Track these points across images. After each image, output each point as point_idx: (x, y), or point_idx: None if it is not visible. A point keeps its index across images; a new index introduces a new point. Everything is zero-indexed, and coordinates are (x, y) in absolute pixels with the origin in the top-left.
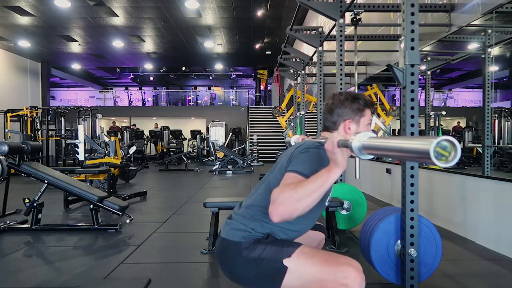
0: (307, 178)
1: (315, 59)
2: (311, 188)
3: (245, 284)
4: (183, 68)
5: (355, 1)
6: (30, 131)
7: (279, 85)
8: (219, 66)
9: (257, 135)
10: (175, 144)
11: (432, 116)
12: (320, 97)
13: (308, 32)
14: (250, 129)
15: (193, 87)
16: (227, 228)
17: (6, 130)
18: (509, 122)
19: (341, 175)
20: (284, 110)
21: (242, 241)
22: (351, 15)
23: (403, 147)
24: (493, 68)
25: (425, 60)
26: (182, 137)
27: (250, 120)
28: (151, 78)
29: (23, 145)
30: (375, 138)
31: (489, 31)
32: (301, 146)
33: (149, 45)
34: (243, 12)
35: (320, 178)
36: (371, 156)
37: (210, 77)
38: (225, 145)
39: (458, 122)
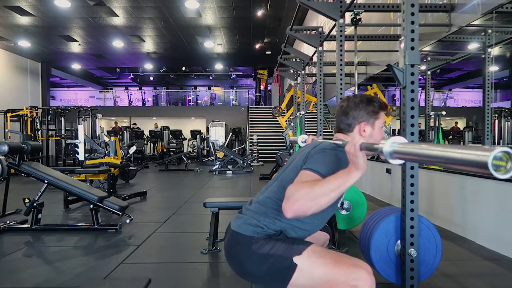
0: (324, 177)
1: (315, 59)
2: (329, 188)
3: (253, 279)
4: (183, 68)
5: (355, 1)
6: (30, 131)
7: (279, 85)
8: (219, 66)
9: (257, 135)
10: (175, 144)
11: (432, 116)
12: (320, 97)
13: (308, 32)
14: (250, 129)
15: (193, 87)
16: (238, 222)
17: (6, 130)
18: (509, 122)
19: None
20: (284, 110)
21: (254, 236)
22: (351, 15)
23: (453, 157)
24: (493, 68)
25: (425, 60)
26: (182, 137)
27: (250, 120)
28: (151, 78)
29: (23, 145)
30: (412, 144)
31: (489, 31)
32: (318, 146)
33: (149, 45)
34: (243, 12)
35: (338, 179)
36: (402, 162)
37: (210, 77)
38: (225, 145)
39: (456, 123)
